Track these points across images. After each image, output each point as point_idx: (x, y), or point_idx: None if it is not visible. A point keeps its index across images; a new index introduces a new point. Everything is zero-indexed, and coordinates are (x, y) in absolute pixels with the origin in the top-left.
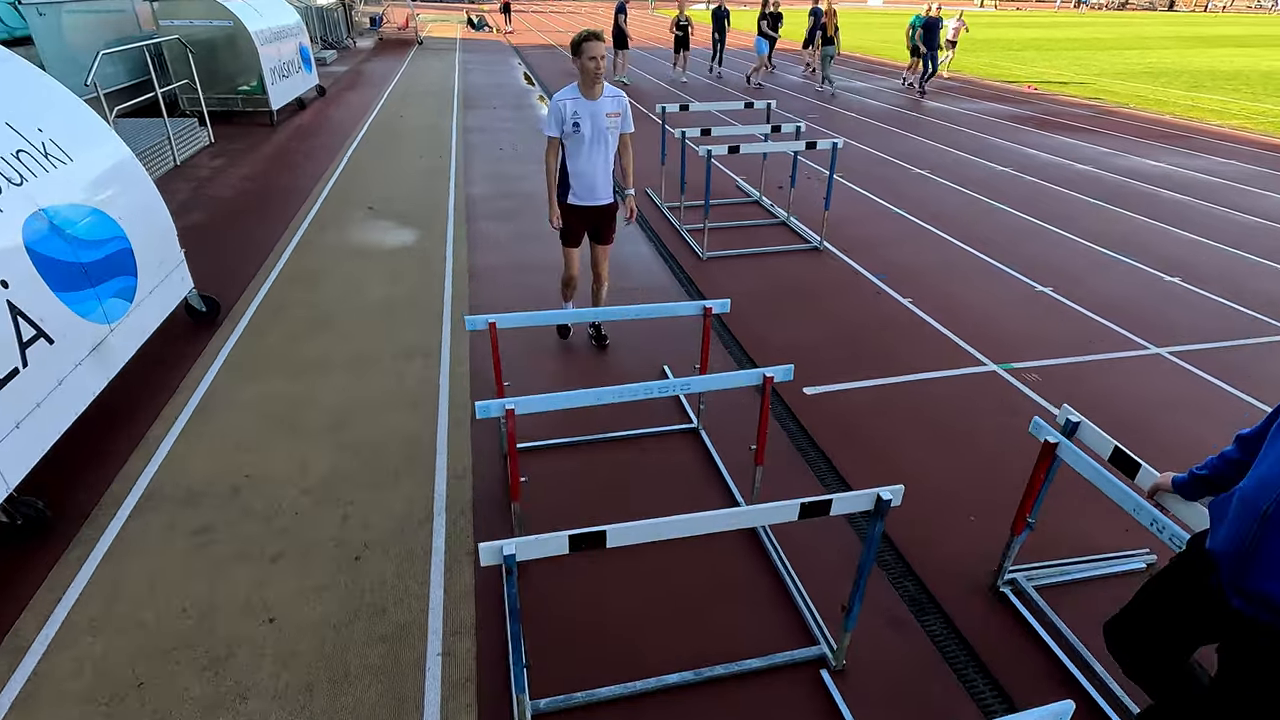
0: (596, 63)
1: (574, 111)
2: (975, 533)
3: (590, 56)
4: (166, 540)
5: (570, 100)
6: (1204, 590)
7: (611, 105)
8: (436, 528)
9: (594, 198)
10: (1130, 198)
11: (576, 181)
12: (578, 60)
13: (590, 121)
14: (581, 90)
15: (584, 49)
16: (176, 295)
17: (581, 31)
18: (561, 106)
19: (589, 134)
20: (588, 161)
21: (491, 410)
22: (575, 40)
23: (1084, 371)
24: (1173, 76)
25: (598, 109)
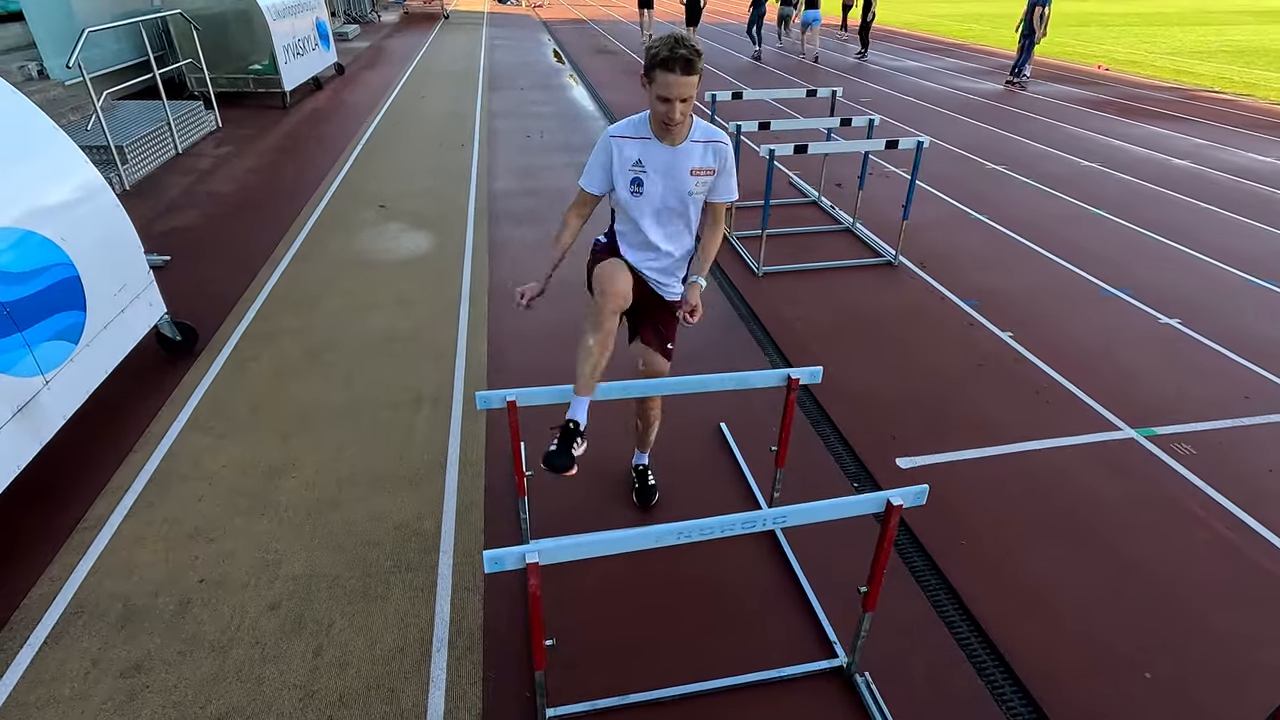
0: (671, 109)
1: (636, 160)
2: (1158, 698)
3: (665, 97)
4: (87, 685)
5: (632, 141)
6: None
7: (702, 157)
8: (435, 673)
9: (650, 278)
10: (1247, 202)
11: (627, 242)
12: (649, 89)
13: (662, 180)
14: (653, 129)
15: (659, 80)
16: (142, 326)
17: (663, 41)
18: (616, 148)
19: (658, 198)
20: (650, 240)
21: (507, 562)
22: (653, 57)
23: (1247, 439)
24: (1255, 55)
25: (677, 161)
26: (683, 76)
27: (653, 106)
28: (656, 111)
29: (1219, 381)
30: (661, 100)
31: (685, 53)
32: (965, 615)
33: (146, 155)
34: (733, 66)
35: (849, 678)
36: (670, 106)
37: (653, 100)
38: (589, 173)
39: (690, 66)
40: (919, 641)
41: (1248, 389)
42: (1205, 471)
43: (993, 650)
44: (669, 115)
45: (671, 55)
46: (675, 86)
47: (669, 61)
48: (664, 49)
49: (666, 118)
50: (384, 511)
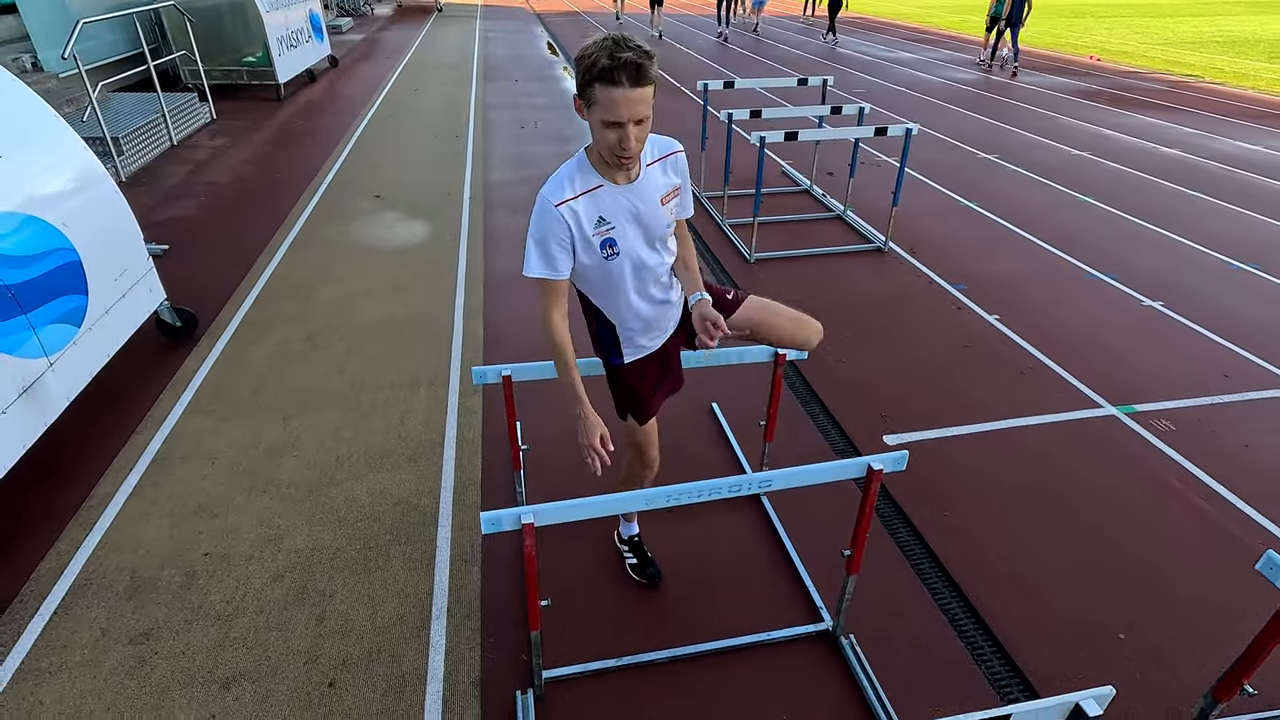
0: (625, 136)
1: (598, 218)
2: (1130, 657)
3: (613, 120)
4: (97, 652)
5: (582, 199)
6: None
7: (664, 178)
8: (434, 638)
9: (664, 332)
10: (1234, 189)
11: (627, 325)
12: (589, 113)
13: (634, 226)
14: (598, 169)
15: (602, 100)
16: (143, 311)
17: (598, 46)
18: (568, 218)
19: (636, 249)
20: (639, 292)
21: (503, 523)
22: (588, 69)
23: (1224, 415)
24: (1247, 45)
25: (642, 196)
26: (633, 89)
27: (598, 135)
28: (604, 142)
29: (1199, 361)
30: (609, 126)
31: (631, 55)
32: (948, 582)
33: (142, 147)
34: (704, 46)
35: (834, 640)
36: (622, 133)
37: (596, 127)
38: (545, 258)
39: (641, 73)
40: (903, 608)
41: (1227, 368)
42: (1184, 447)
43: (974, 615)
44: (623, 145)
45: (614, 63)
46: (625, 104)
47: (611, 72)
48: (603, 55)
49: (619, 148)
50: (383, 488)
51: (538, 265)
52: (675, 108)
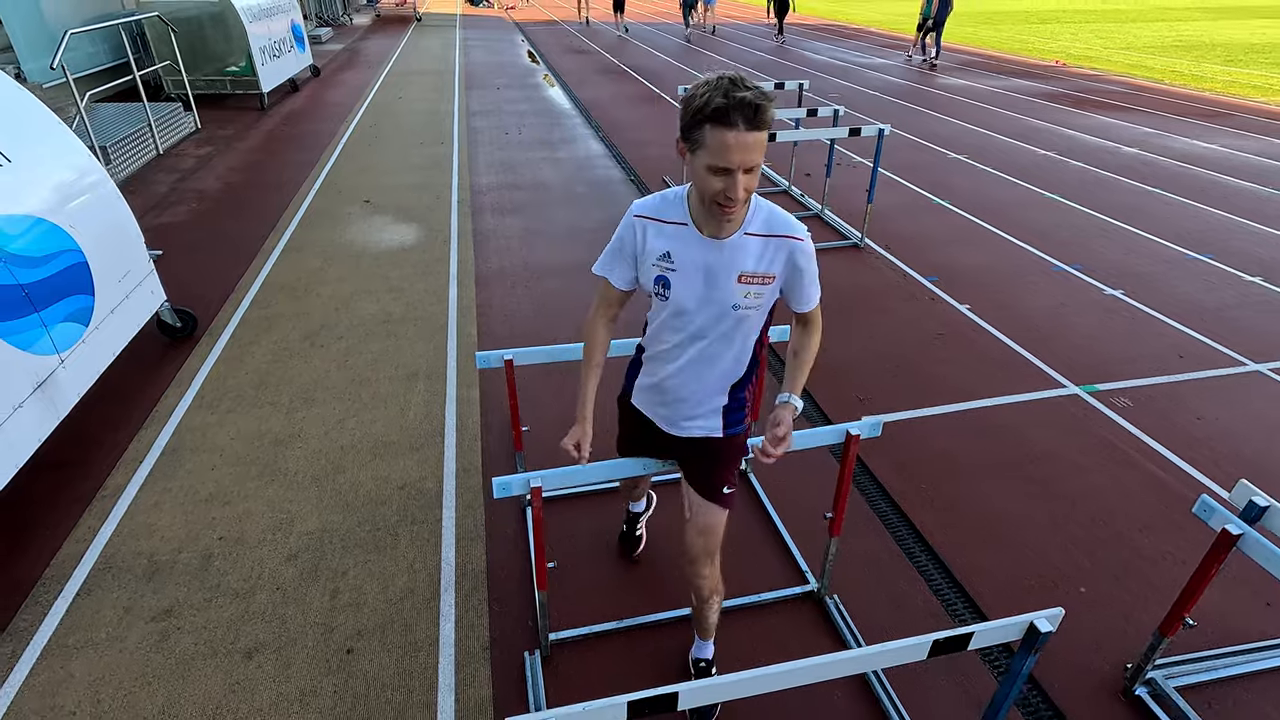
0: (732, 185)
1: (664, 252)
2: (1089, 608)
3: (722, 166)
4: (121, 629)
5: (661, 226)
6: None
7: (759, 258)
8: (444, 609)
9: (670, 420)
10: (1190, 184)
11: (648, 373)
12: (692, 157)
13: (698, 285)
14: (693, 212)
15: (712, 142)
16: (145, 312)
17: (713, 84)
18: (638, 231)
19: (691, 310)
20: (677, 359)
21: (512, 487)
22: (700, 109)
23: (1179, 393)
24: (1205, 50)
25: (720, 262)
26: (747, 133)
27: (700, 181)
28: (709, 188)
29: (1156, 343)
30: (716, 172)
31: (748, 96)
32: (924, 546)
33: (129, 156)
34: (669, 47)
35: (820, 600)
36: (730, 181)
37: (699, 172)
38: (607, 260)
39: (758, 116)
40: (883, 570)
41: (1181, 349)
42: (1141, 421)
43: (947, 574)
44: (729, 193)
45: (729, 102)
46: (738, 149)
47: (726, 113)
48: (716, 94)
49: (724, 198)
50: (388, 474)
51: (600, 263)
52: (654, 114)
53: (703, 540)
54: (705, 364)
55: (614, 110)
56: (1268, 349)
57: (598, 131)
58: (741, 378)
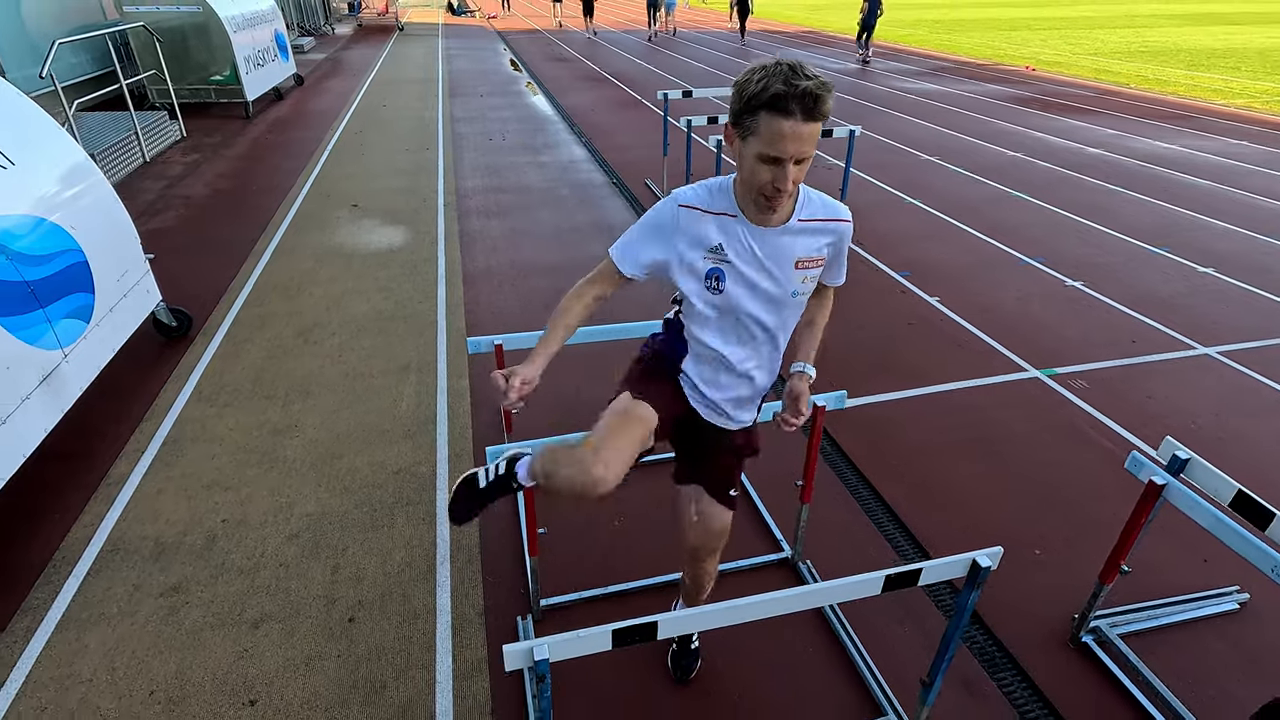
0: (782, 175)
1: (715, 245)
2: (1043, 569)
3: (773, 155)
4: (131, 606)
5: (710, 217)
6: None
7: (810, 244)
8: (440, 580)
9: (717, 409)
10: (1150, 183)
11: (699, 364)
12: (742, 145)
13: (754, 276)
14: (740, 202)
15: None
16: (142, 310)
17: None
18: (684, 221)
19: (746, 302)
20: (726, 360)
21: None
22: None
23: (1132, 375)
24: (1170, 55)
25: (778, 250)
26: (804, 123)
27: (748, 170)
28: (757, 178)
29: (1112, 330)
30: (766, 161)
31: (810, 85)
32: (891, 516)
33: (116, 164)
34: (638, 48)
35: (794, 565)
36: (780, 171)
37: (748, 161)
38: (629, 244)
39: (818, 106)
40: (852, 538)
41: (1135, 335)
42: (1096, 401)
43: (914, 541)
44: (777, 184)
45: (789, 89)
46: (792, 139)
47: (783, 100)
48: (775, 80)
49: (773, 188)
50: (383, 460)
51: (619, 246)
52: (635, 119)
53: (713, 542)
54: (770, 356)
55: (596, 116)
56: (1217, 333)
57: (580, 136)
58: (773, 378)
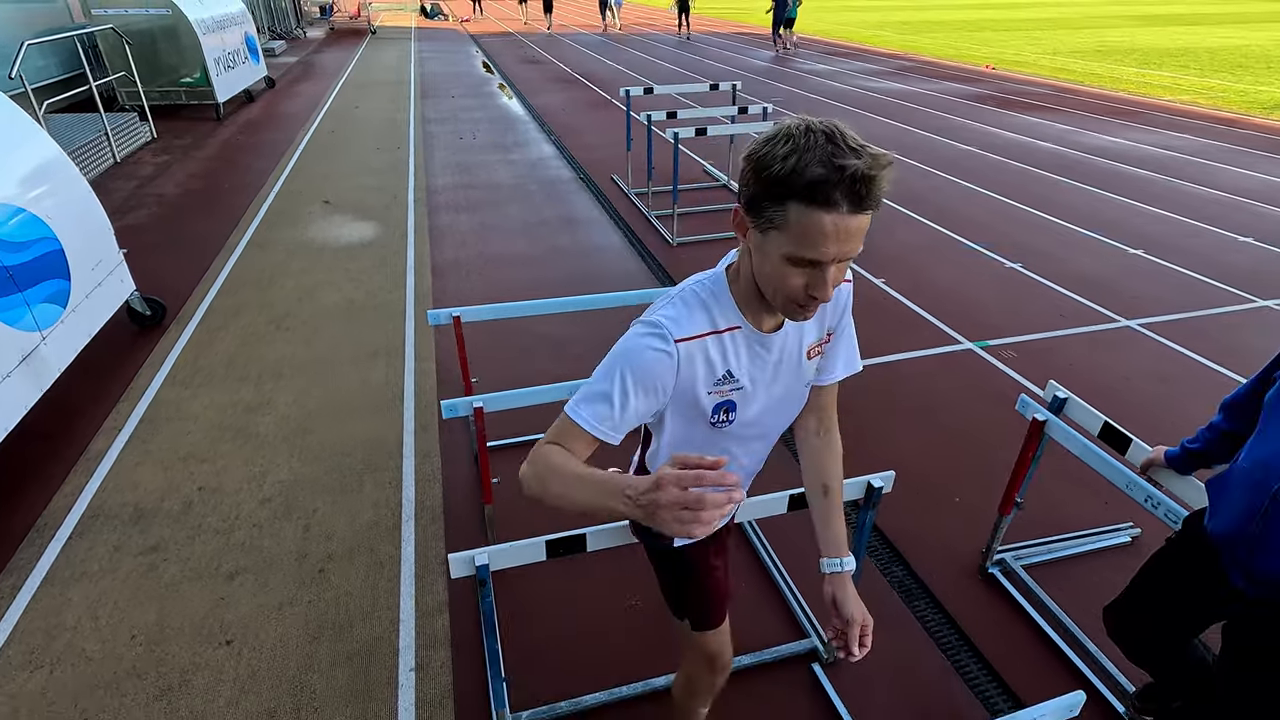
0: (821, 282)
1: (724, 373)
2: (962, 514)
3: (814, 259)
4: (112, 563)
5: (713, 340)
6: (1207, 572)
7: (818, 323)
8: (405, 535)
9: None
10: (1094, 174)
11: None
12: (762, 239)
13: (768, 388)
14: (743, 308)
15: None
16: (116, 299)
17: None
18: (684, 361)
19: (758, 418)
20: (741, 454)
21: (459, 409)
22: (789, 175)
23: (1058, 345)
24: (1124, 54)
25: (786, 345)
26: (853, 216)
27: (771, 274)
28: (784, 285)
29: (1043, 306)
30: (799, 264)
31: (860, 166)
32: None
33: (87, 164)
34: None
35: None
36: (819, 276)
37: (771, 260)
38: (608, 409)
39: (870, 192)
40: None
41: (1064, 311)
42: (1024, 369)
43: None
44: (814, 293)
45: (833, 175)
46: (837, 237)
47: (825, 189)
48: (812, 159)
49: (805, 299)
50: (352, 433)
51: (598, 417)
52: (604, 119)
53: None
54: (767, 445)
55: (565, 116)
56: (1139, 308)
57: (550, 135)
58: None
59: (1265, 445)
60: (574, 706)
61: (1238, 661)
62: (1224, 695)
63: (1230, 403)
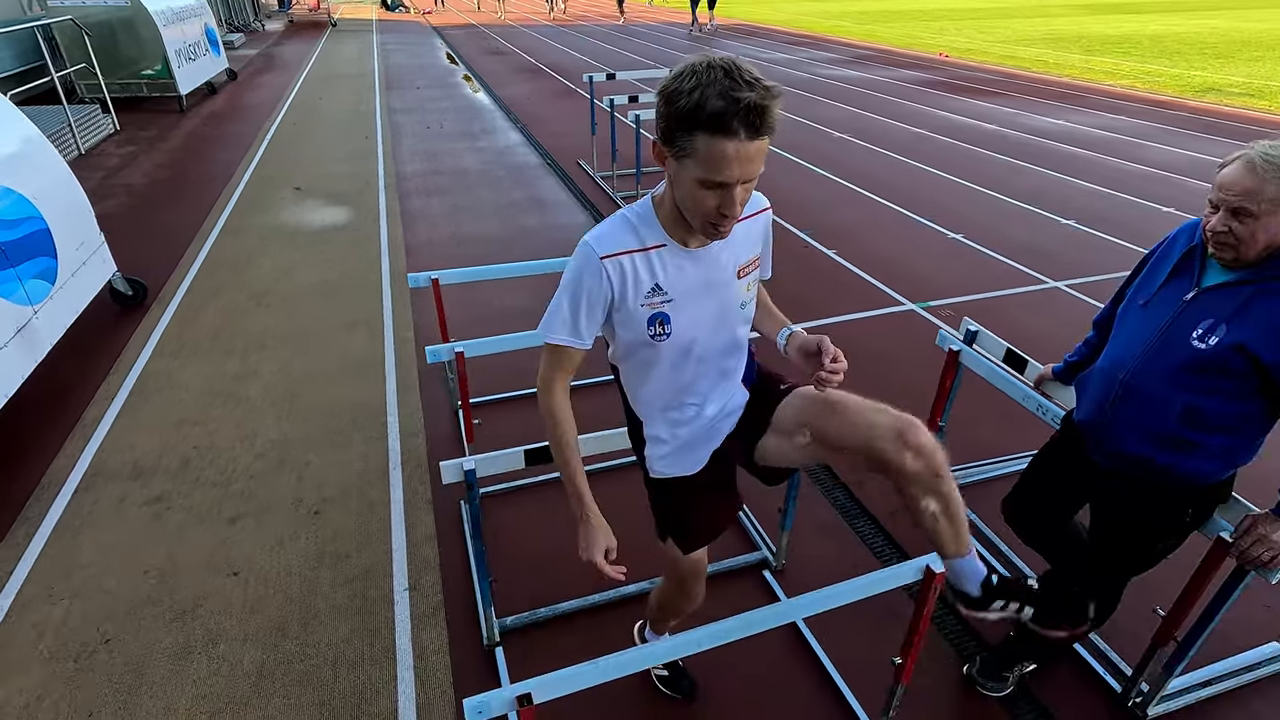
0: (729, 200)
1: (653, 286)
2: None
3: (719, 180)
4: (118, 512)
5: (638, 256)
6: (1075, 456)
7: (747, 241)
8: (394, 480)
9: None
10: (1034, 153)
11: (657, 436)
12: (677, 166)
13: (700, 304)
14: (666, 225)
15: (707, 151)
16: (100, 278)
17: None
18: (613, 273)
19: (697, 334)
20: (682, 392)
21: (441, 355)
22: (692, 108)
23: (993, 305)
24: (1070, 42)
25: (718, 263)
26: (750, 141)
27: (687, 196)
28: (700, 206)
29: (981, 271)
30: (709, 187)
31: (753, 96)
32: None
33: None
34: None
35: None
36: (728, 195)
37: (686, 185)
38: (571, 320)
39: (764, 120)
40: None
41: (999, 275)
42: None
43: None
44: (725, 210)
45: (730, 106)
46: (738, 161)
47: (725, 119)
48: (710, 93)
49: (719, 215)
50: (338, 396)
51: (559, 328)
52: (569, 107)
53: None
54: (731, 380)
55: (531, 105)
56: (1067, 271)
57: (516, 123)
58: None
59: (1116, 346)
60: (552, 611)
61: (1102, 528)
62: (1092, 558)
63: (1098, 319)
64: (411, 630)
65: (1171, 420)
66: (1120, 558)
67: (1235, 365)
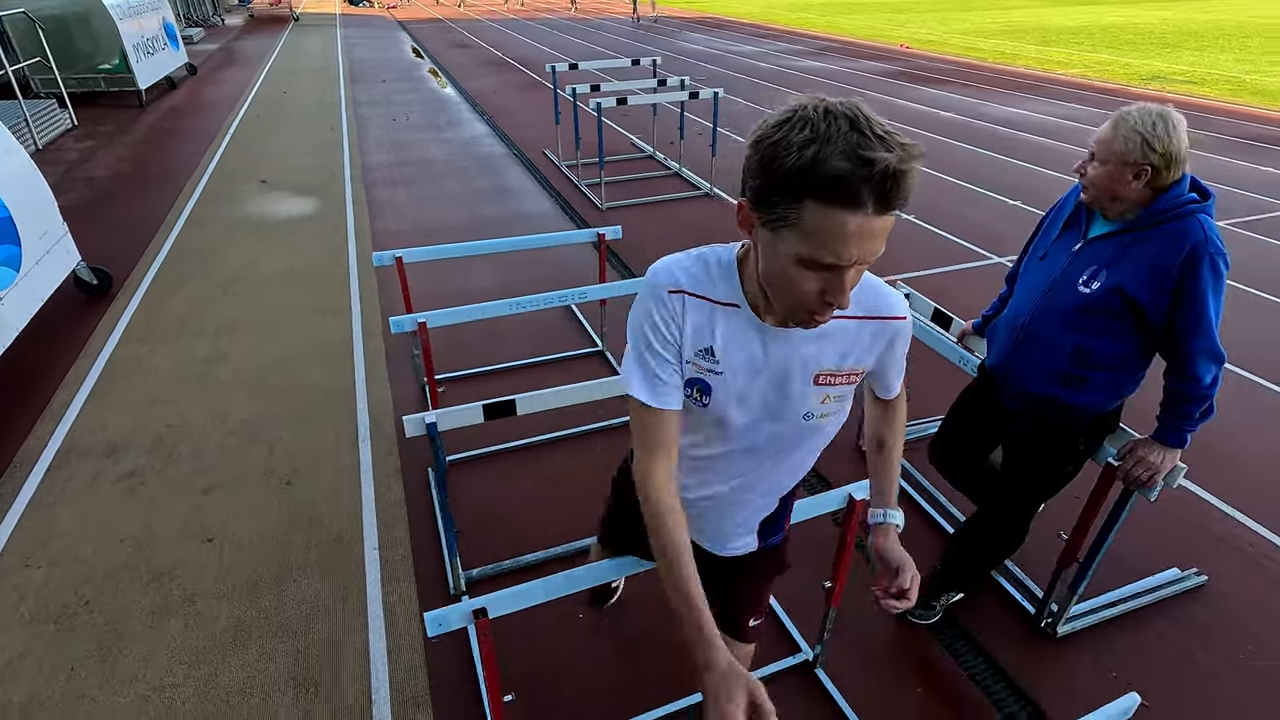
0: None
1: (705, 347)
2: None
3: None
4: (92, 487)
5: (705, 306)
6: (988, 400)
7: (849, 349)
8: (363, 454)
9: (701, 534)
10: (993, 141)
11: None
12: (771, 236)
13: (751, 390)
14: (746, 290)
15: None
16: (64, 267)
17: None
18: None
19: (742, 421)
20: (720, 478)
21: (405, 325)
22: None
23: (945, 280)
24: (1028, 33)
25: (794, 353)
26: (878, 216)
27: (779, 274)
28: (794, 288)
29: (939, 250)
30: (814, 267)
31: (893, 159)
32: None
33: None
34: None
35: None
36: (836, 281)
37: (780, 260)
38: (648, 367)
39: (900, 188)
40: None
41: (957, 254)
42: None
43: None
44: (830, 298)
45: (862, 168)
46: (858, 239)
47: (851, 184)
48: (834, 150)
49: (822, 303)
50: (307, 379)
51: (638, 379)
52: (535, 99)
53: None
54: (756, 485)
55: (497, 98)
56: (1010, 246)
57: (482, 115)
58: (796, 485)
59: (1017, 297)
60: (516, 564)
61: (1011, 462)
62: (1005, 493)
63: (1010, 275)
64: (381, 584)
65: (1064, 359)
66: (1027, 490)
67: (1115, 305)
